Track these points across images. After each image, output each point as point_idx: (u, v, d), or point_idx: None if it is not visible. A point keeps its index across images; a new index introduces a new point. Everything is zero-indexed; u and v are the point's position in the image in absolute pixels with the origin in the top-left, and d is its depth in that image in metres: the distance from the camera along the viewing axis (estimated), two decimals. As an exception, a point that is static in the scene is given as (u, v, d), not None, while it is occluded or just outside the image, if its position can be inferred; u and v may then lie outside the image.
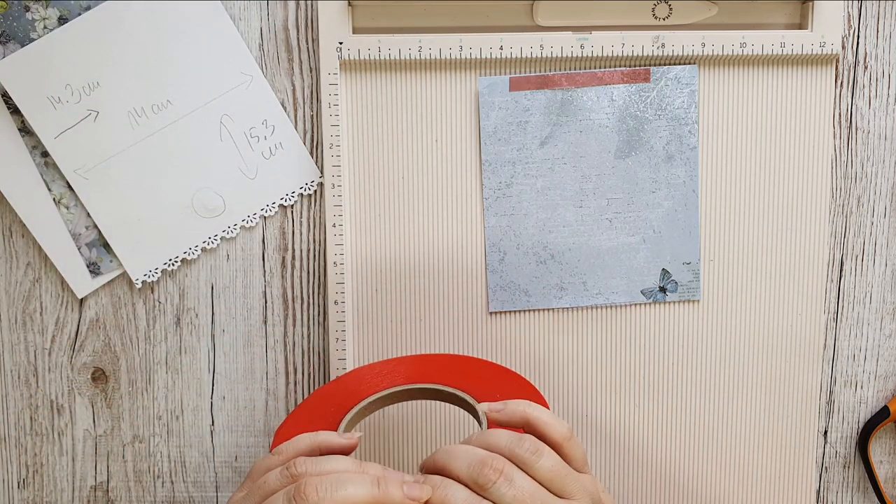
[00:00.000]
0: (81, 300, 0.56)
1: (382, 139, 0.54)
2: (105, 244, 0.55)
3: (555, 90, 0.54)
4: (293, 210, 0.55)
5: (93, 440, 0.57)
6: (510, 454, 0.38)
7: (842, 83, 0.56)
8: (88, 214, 0.54)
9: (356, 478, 0.35)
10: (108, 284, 0.55)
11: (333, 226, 0.54)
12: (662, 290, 0.56)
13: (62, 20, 0.52)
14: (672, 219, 0.55)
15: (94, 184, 0.54)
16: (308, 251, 0.56)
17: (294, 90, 0.54)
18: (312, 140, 0.55)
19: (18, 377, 0.56)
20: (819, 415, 0.58)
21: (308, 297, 0.56)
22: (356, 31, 0.53)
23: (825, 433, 0.59)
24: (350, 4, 0.52)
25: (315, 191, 0.55)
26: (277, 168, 0.54)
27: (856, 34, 0.55)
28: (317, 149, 0.55)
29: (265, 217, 0.55)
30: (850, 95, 0.56)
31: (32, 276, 0.55)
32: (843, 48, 0.55)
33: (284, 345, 0.56)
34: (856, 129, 0.56)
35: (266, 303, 0.56)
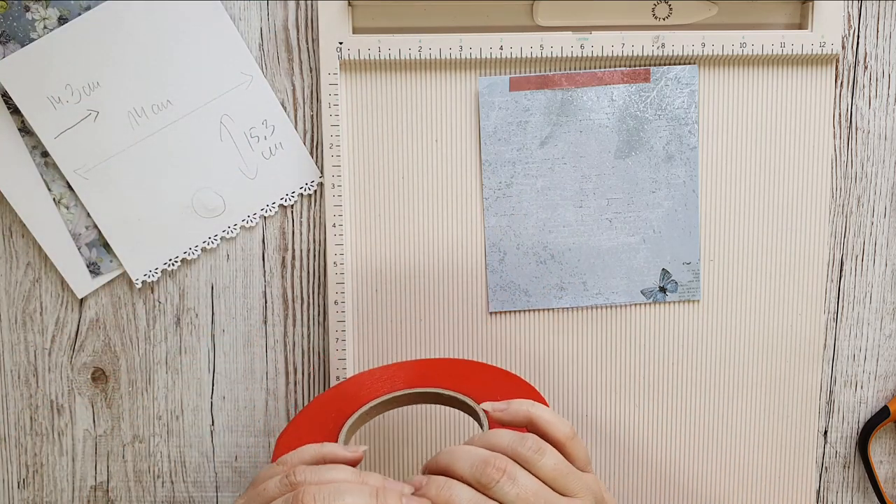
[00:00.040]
0: (81, 300, 0.56)
1: (382, 139, 0.54)
2: (105, 244, 0.55)
3: (555, 90, 0.54)
4: (293, 210, 0.55)
5: (93, 440, 0.57)
6: (513, 453, 0.38)
7: (842, 83, 0.56)
8: (88, 214, 0.54)
9: (355, 488, 0.35)
10: (108, 284, 0.55)
11: (333, 226, 0.54)
12: (662, 290, 0.56)
13: (62, 20, 0.52)
14: (672, 219, 0.55)
15: (94, 184, 0.54)
16: (308, 251, 0.56)
17: (294, 90, 0.54)
18: (312, 140, 0.55)
19: (18, 377, 0.56)
20: (819, 415, 0.58)
21: (308, 297, 0.56)
22: (356, 31, 0.53)
23: (825, 433, 0.59)
24: (350, 4, 0.52)
25: (315, 191, 0.55)
26: (277, 168, 0.54)
27: (856, 34, 0.55)
28: (317, 149, 0.55)
29: (265, 217, 0.55)
30: (850, 95, 0.56)
31: (32, 276, 0.55)
32: (843, 48, 0.55)
33: (284, 345, 0.56)
34: (856, 129, 0.56)
35: (266, 303, 0.56)
